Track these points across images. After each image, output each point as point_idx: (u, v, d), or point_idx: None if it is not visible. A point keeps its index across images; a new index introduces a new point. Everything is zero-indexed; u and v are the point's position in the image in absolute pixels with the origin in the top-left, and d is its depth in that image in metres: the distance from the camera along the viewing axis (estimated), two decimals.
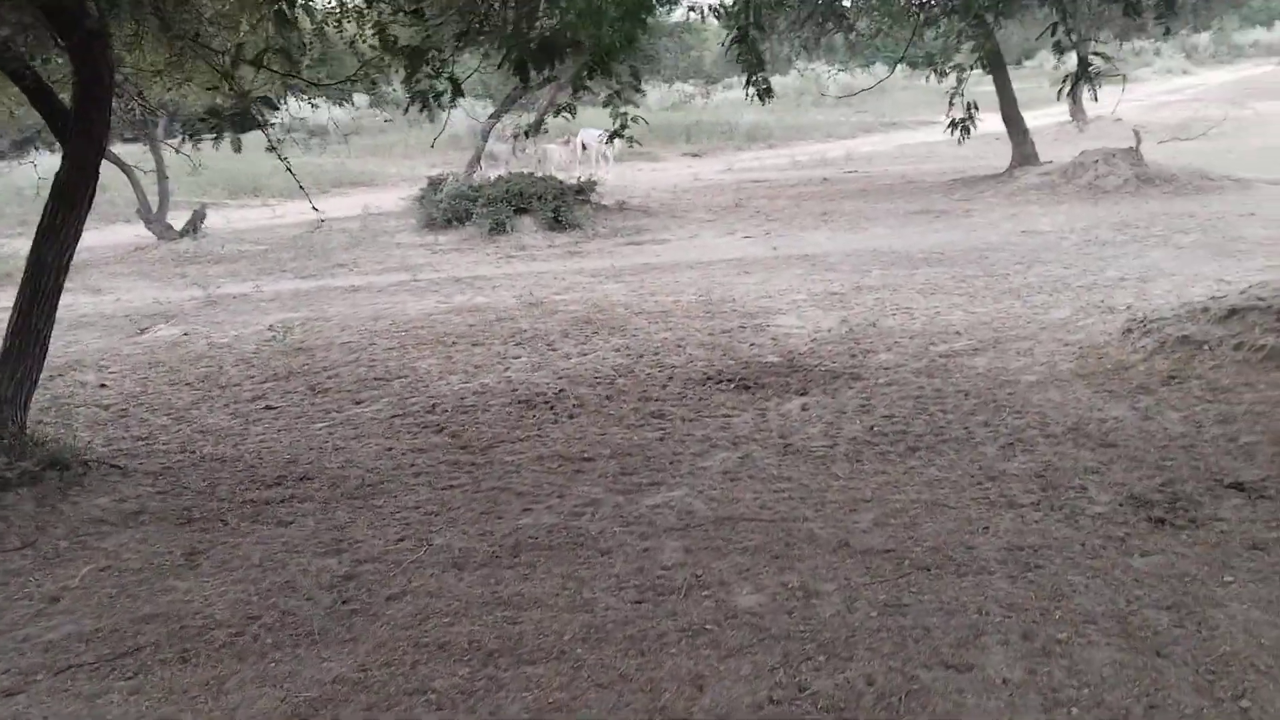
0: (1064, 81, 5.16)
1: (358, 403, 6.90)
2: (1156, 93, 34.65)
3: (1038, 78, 40.55)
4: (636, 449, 5.48)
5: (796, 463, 5.09)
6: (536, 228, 14.09)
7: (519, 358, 7.85)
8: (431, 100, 5.40)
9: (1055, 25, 4.78)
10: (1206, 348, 6.03)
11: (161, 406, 7.11)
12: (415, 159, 25.55)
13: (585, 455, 5.42)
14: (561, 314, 9.35)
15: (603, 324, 8.81)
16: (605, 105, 5.33)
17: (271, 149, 6.54)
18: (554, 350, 8.03)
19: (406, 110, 5.55)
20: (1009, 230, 12.27)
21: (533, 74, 5.37)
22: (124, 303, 11.85)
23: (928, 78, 5.70)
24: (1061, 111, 25.59)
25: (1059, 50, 5.37)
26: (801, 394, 6.35)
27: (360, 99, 33.18)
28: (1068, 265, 10.05)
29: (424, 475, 5.27)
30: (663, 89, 34.71)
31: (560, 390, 6.81)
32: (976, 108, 5.48)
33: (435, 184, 14.94)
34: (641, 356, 7.63)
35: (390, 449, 5.81)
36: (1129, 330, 6.64)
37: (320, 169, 24.52)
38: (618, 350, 7.87)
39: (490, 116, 16.59)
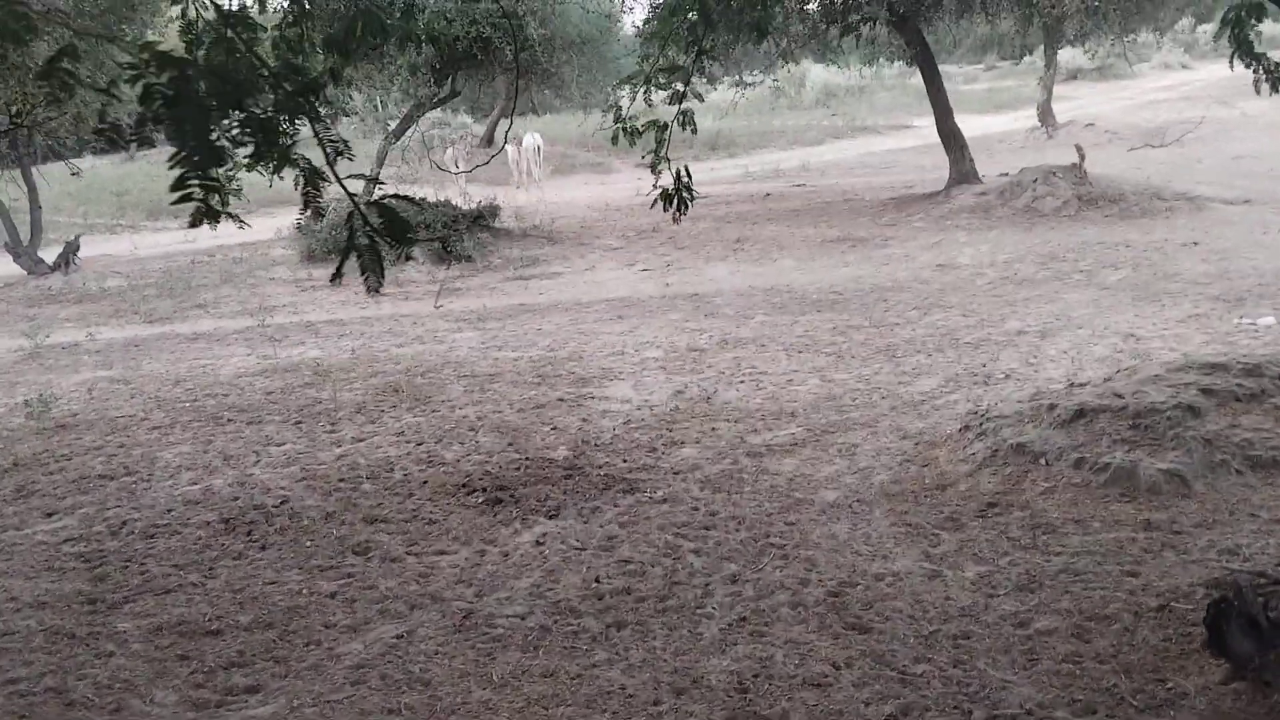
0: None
1: (50, 515, 5.71)
2: (1150, 89, 33.20)
3: (1025, 75, 39.09)
4: (285, 615, 4.26)
5: (458, 650, 3.87)
6: (422, 259, 12.87)
7: (283, 445, 6.65)
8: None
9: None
10: (1043, 462, 4.77)
11: None
12: (365, 168, 24.34)
13: (216, 626, 4.21)
14: (378, 377, 8.14)
15: (410, 393, 7.59)
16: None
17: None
18: (332, 433, 6.83)
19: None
20: (924, 264, 10.97)
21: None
22: None
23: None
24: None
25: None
26: (551, 516, 5.13)
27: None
28: (968, 312, 8.77)
29: (2, 656, 4.08)
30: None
31: (282, 501, 5.61)
32: (689, 174, 4.16)
33: (319, 210, 13.67)
34: (420, 444, 6.44)
35: (12, 600, 4.63)
36: (966, 428, 5.38)
37: (252, 185, 23.33)
38: (400, 435, 6.67)
39: (384, 139, 15.36)
